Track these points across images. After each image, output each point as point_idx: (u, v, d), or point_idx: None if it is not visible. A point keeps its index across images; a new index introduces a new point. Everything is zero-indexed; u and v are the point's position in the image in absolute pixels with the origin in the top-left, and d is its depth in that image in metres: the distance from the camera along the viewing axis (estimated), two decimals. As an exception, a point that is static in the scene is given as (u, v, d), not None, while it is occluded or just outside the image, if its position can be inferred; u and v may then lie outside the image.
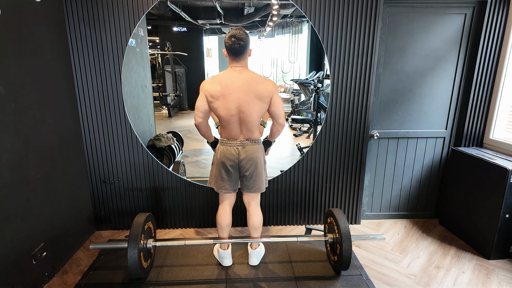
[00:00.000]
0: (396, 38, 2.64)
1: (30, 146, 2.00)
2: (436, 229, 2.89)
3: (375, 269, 2.34)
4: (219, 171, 2.14)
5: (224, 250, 2.30)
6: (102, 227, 2.85)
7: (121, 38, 2.46)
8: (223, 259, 2.31)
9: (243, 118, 2.02)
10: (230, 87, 1.96)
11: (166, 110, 6.50)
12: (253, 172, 2.13)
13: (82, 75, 2.50)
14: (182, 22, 6.26)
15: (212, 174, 2.21)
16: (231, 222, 2.30)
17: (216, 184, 2.19)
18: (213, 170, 2.20)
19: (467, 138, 2.82)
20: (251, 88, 1.97)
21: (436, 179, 2.99)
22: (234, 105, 1.98)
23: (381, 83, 2.72)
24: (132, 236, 2.01)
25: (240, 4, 5.30)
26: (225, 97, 1.96)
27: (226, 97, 1.96)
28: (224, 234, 2.28)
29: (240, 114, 2.01)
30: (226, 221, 2.25)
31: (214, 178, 2.19)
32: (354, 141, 2.74)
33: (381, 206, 3.05)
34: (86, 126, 2.60)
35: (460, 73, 2.72)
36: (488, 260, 2.42)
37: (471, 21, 2.61)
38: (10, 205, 1.84)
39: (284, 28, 6.35)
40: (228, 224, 2.27)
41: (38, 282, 2.08)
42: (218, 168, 2.14)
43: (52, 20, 2.24)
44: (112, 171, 2.71)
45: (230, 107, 1.98)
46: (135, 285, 2.11)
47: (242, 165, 2.11)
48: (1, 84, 1.76)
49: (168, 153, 3.68)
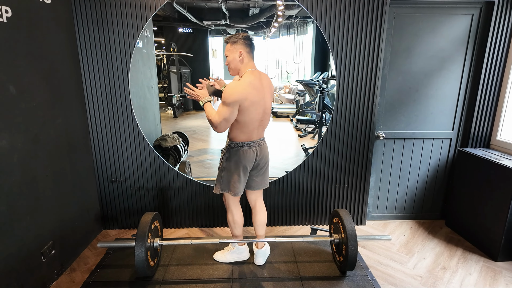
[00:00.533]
0: (402, 38, 2.64)
1: (39, 146, 2.03)
2: (443, 231, 2.87)
3: (380, 270, 2.33)
4: (238, 176, 2.08)
5: (242, 246, 2.38)
6: (109, 226, 2.88)
7: (128, 39, 2.49)
8: (243, 253, 2.37)
9: (265, 118, 2.06)
10: (261, 90, 1.97)
11: (171, 111, 6.54)
12: (265, 170, 2.20)
13: (90, 76, 2.53)
14: (187, 23, 6.30)
15: (227, 180, 2.11)
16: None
17: (233, 189, 2.12)
18: (229, 176, 2.10)
19: (474, 139, 2.80)
20: (271, 87, 2.06)
21: (443, 180, 2.97)
22: (263, 108, 2.00)
23: (387, 83, 2.72)
24: (140, 234, 2.03)
25: (245, 5, 5.32)
26: (259, 101, 1.96)
27: (259, 101, 1.96)
28: (241, 231, 2.35)
29: (264, 116, 2.04)
30: (242, 219, 2.31)
31: (232, 183, 2.10)
32: (360, 141, 2.74)
33: (387, 207, 3.04)
34: (94, 126, 2.63)
35: (467, 74, 2.71)
36: (495, 262, 2.41)
37: (478, 21, 2.60)
38: (20, 203, 1.87)
39: (289, 29, 6.36)
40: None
41: (47, 280, 2.11)
42: (238, 173, 2.07)
43: (61, 21, 2.27)
44: (119, 171, 2.74)
45: (260, 110, 1.99)
46: (142, 284, 2.13)
47: (258, 165, 2.13)
48: (11, 84, 1.79)
49: (174, 153, 3.70)
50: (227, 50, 2.02)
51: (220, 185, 2.16)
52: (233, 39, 2.00)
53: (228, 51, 2.02)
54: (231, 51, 2.01)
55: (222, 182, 2.14)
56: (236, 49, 1.99)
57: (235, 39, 1.99)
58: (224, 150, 2.13)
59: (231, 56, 2.01)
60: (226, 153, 2.11)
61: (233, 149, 2.06)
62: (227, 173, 2.11)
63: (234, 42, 2.00)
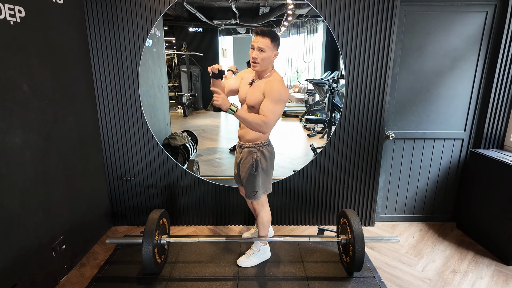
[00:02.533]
0: (413, 37, 2.59)
1: (51, 143, 2.08)
2: (453, 233, 2.81)
3: (388, 271, 2.30)
4: (272, 171, 2.17)
5: (266, 245, 2.41)
6: (118, 223, 2.93)
7: (138, 39, 2.52)
8: (266, 251, 2.39)
9: None
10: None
11: (181, 110, 6.60)
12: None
13: (101, 74, 2.57)
14: (198, 23, 6.34)
15: (265, 180, 2.12)
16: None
17: (270, 187, 2.19)
18: (267, 175, 2.12)
19: (487, 140, 2.74)
20: None
21: (454, 182, 2.91)
22: None
23: (397, 83, 2.67)
24: (147, 231, 2.06)
25: (255, 4, 5.32)
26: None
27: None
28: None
29: None
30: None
31: (268, 181, 2.15)
32: (369, 141, 2.71)
33: (396, 208, 2.99)
34: (104, 124, 2.67)
35: (480, 73, 2.65)
36: (507, 266, 2.34)
37: (493, 19, 2.53)
38: (32, 199, 1.92)
39: (299, 28, 6.32)
40: None
41: (58, 274, 2.16)
42: (272, 169, 2.16)
43: (73, 21, 2.32)
44: (129, 168, 2.78)
45: None
46: (149, 280, 2.16)
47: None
48: (25, 83, 1.84)
49: (183, 151, 3.73)
50: (265, 45, 1.85)
51: (261, 189, 2.12)
52: (273, 34, 1.86)
53: (266, 47, 1.86)
54: (270, 48, 1.88)
55: (261, 185, 2.11)
56: (275, 48, 1.90)
57: (276, 35, 1.86)
58: (254, 153, 2.05)
59: (268, 53, 1.88)
60: (258, 155, 2.05)
61: (266, 147, 2.07)
62: (264, 174, 2.10)
63: (274, 39, 1.87)
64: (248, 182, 2.10)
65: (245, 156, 2.09)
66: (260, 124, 1.86)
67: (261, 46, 1.85)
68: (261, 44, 1.85)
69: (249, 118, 1.84)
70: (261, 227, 2.27)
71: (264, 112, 1.88)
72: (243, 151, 2.09)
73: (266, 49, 1.86)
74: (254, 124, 1.85)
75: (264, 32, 1.86)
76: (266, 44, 1.86)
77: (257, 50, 1.87)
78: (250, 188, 2.12)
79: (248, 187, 2.12)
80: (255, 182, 2.09)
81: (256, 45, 1.87)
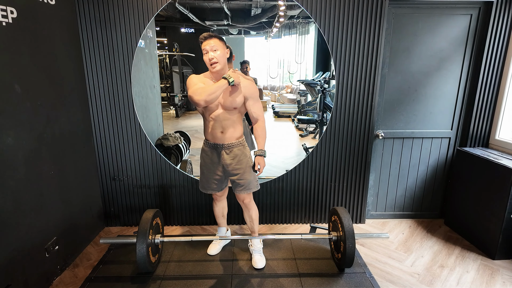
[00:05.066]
0: (401, 38, 2.66)
1: (43, 143, 2.08)
2: (441, 229, 2.89)
3: (378, 267, 2.36)
4: None
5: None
6: (111, 223, 2.93)
7: (131, 39, 2.53)
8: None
9: None
10: None
11: (173, 110, 6.58)
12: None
13: (93, 75, 2.57)
14: (190, 24, 6.33)
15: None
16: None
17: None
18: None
19: (473, 139, 2.82)
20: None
21: (441, 179, 2.99)
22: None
23: (386, 83, 2.74)
24: (141, 231, 2.08)
25: (247, 6, 5.35)
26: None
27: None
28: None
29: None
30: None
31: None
32: (359, 140, 2.76)
33: (386, 205, 3.06)
34: (97, 125, 2.67)
35: (465, 74, 2.73)
36: (493, 260, 2.42)
37: (477, 21, 2.62)
38: (25, 200, 1.92)
39: (291, 29, 6.37)
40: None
41: (51, 275, 2.16)
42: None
43: (65, 21, 2.32)
44: (122, 169, 2.78)
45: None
46: (143, 279, 2.17)
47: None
48: (17, 84, 1.84)
49: (176, 152, 3.74)
50: (216, 43, 1.95)
51: (257, 182, 2.25)
52: (217, 35, 1.98)
53: (217, 45, 1.96)
54: (221, 45, 1.98)
55: (256, 180, 2.25)
56: (224, 46, 2.01)
57: (219, 36, 1.99)
58: (247, 146, 2.21)
59: (222, 51, 1.99)
60: (247, 149, 2.20)
61: (245, 143, 2.21)
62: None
63: (220, 38, 1.99)
64: (250, 174, 2.19)
65: (239, 152, 2.14)
66: (265, 127, 2.15)
67: (213, 45, 1.95)
68: (213, 44, 1.95)
69: (264, 131, 2.16)
70: (255, 222, 2.35)
71: (257, 113, 2.13)
72: (234, 149, 2.13)
73: (218, 47, 1.96)
74: (265, 130, 2.16)
75: (210, 35, 1.97)
76: (217, 43, 1.96)
77: (211, 51, 1.96)
78: (252, 178, 2.20)
79: (249, 178, 2.19)
80: (251, 174, 2.20)
81: (208, 47, 1.95)
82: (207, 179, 2.24)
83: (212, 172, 2.20)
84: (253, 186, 2.21)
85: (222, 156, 2.14)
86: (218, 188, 2.28)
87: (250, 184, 2.20)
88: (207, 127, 2.12)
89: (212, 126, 2.08)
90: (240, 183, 2.18)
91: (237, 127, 2.11)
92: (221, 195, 2.38)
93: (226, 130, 2.08)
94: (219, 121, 2.06)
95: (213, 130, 2.09)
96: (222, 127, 2.07)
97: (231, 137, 2.10)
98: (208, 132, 2.12)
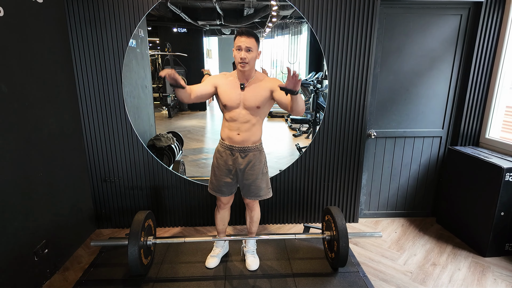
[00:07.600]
0: (393, 38, 2.68)
1: (32, 145, 2.04)
2: (433, 228, 2.92)
3: (372, 266, 2.37)
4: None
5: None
6: (102, 226, 2.88)
7: (121, 39, 2.50)
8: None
9: None
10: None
11: (166, 111, 6.53)
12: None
13: (83, 75, 2.53)
14: (182, 23, 6.29)
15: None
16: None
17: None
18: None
19: (464, 137, 2.85)
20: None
21: (433, 178, 3.02)
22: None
23: (378, 83, 2.75)
24: (133, 233, 2.05)
25: (239, 5, 5.33)
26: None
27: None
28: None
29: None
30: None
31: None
32: (351, 140, 2.77)
33: (379, 204, 3.08)
34: (87, 126, 2.63)
35: (456, 73, 2.76)
36: (483, 258, 2.45)
37: (467, 22, 2.65)
38: (13, 202, 1.87)
39: (284, 29, 6.37)
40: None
41: (40, 279, 2.11)
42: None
43: (54, 20, 2.28)
44: (113, 170, 2.74)
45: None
46: (136, 282, 2.15)
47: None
48: (4, 84, 1.80)
49: (168, 152, 3.71)
50: (252, 45, 1.85)
51: (269, 189, 2.21)
52: (256, 34, 1.85)
53: (253, 46, 1.85)
54: (256, 47, 1.88)
55: (269, 185, 2.20)
56: (258, 47, 1.90)
57: (257, 35, 1.86)
58: (263, 151, 2.14)
59: (255, 53, 1.89)
60: (263, 155, 2.13)
61: (262, 148, 2.14)
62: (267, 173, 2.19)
63: (258, 39, 1.86)
64: (262, 181, 2.12)
65: (255, 158, 2.06)
66: (301, 108, 1.78)
67: (249, 46, 1.84)
68: (249, 44, 1.84)
69: (301, 100, 1.73)
70: (255, 224, 2.33)
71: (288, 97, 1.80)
72: (249, 154, 2.04)
73: (253, 48, 1.86)
74: (301, 107, 1.77)
75: (249, 32, 1.85)
76: (253, 44, 1.85)
77: (245, 51, 1.85)
78: (264, 185, 2.15)
79: (261, 185, 2.13)
80: (267, 178, 2.17)
81: (244, 45, 1.84)
82: (217, 180, 2.15)
83: (224, 174, 2.11)
84: (264, 193, 2.15)
85: (236, 160, 2.06)
86: (227, 192, 2.18)
87: (261, 191, 2.14)
88: (225, 128, 2.04)
89: (230, 127, 2.00)
90: (251, 189, 2.12)
91: (256, 131, 2.03)
92: (227, 202, 2.27)
93: (244, 133, 1.99)
94: (239, 122, 1.97)
95: (231, 132, 2.01)
96: (240, 129, 1.99)
97: (248, 140, 2.01)
98: (225, 132, 2.04)
